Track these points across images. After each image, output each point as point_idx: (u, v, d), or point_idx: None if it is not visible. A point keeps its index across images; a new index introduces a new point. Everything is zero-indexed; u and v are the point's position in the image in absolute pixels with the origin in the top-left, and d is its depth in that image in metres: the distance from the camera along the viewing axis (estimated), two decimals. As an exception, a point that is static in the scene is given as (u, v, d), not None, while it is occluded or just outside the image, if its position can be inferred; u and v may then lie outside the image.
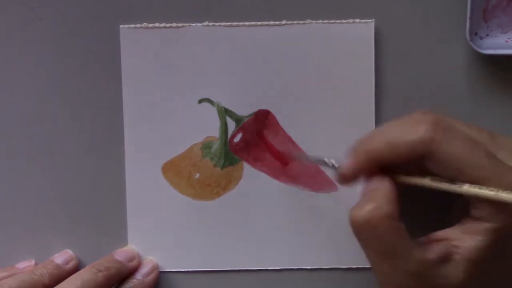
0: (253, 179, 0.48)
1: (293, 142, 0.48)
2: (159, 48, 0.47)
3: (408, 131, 0.39)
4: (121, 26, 0.47)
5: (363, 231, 0.39)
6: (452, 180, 0.39)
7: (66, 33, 0.48)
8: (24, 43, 0.48)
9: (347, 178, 0.41)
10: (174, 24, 0.47)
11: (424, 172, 0.40)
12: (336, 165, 0.42)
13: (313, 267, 0.48)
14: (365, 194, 0.40)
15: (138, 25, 0.47)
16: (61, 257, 0.48)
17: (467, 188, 0.38)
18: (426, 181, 0.40)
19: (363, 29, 0.46)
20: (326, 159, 0.43)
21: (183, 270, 0.49)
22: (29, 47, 0.48)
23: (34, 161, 0.48)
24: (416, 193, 0.43)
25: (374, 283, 0.48)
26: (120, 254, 0.48)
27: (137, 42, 0.47)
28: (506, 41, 0.47)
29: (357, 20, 0.47)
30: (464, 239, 0.39)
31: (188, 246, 0.49)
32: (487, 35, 0.47)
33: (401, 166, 0.40)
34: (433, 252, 0.39)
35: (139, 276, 0.48)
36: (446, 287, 0.39)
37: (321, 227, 0.48)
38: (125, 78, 0.47)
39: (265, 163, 0.48)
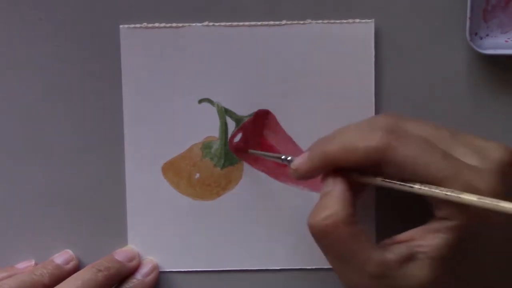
0: (253, 179, 0.48)
1: (293, 142, 0.48)
2: (159, 48, 0.47)
3: (364, 137, 0.39)
4: (121, 26, 0.47)
5: (321, 238, 0.40)
6: (405, 181, 0.39)
7: (66, 33, 0.48)
8: (24, 43, 0.48)
9: (301, 176, 0.42)
10: (174, 24, 0.47)
11: (380, 172, 0.40)
12: (290, 161, 0.43)
13: (313, 267, 0.48)
14: (320, 198, 0.41)
15: (138, 25, 0.47)
16: (61, 257, 0.48)
17: (417, 188, 0.38)
18: (378, 181, 0.40)
19: (363, 29, 0.47)
20: (283, 156, 0.44)
21: (182, 270, 0.49)
22: (29, 47, 0.48)
23: (34, 161, 0.48)
24: (391, 195, 0.43)
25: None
26: (120, 254, 0.48)
27: (137, 42, 0.47)
28: (506, 41, 0.47)
29: (357, 20, 0.47)
30: (427, 238, 0.39)
31: (188, 246, 0.49)
32: (487, 35, 0.47)
33: (360, 168, 0.41)
34: (394, 252, 0.39)
35: (139, 276, 0.48)
36: (412, 287, 0.39)
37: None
38: (125, 78, 0.47)
39: (265, 163, 0.48)
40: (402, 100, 0.47)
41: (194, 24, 0.47)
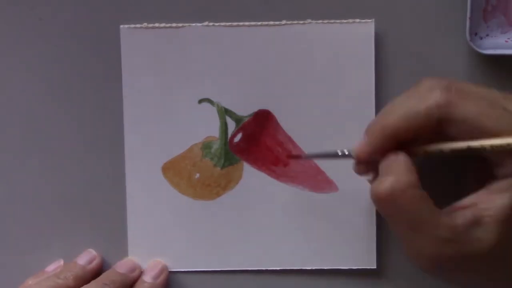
0: (253, 179, 0.48)
1: (293, 142, 0.48)
2: (159, 48, 0.47)
3: (421, 99, 0.39)
4: (121, 26, 0.47)
5: (387, 205, 0.39)
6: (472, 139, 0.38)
7: (66, 33, 0.48)
8: (24, 43, 0.48)
9: (363, 161, 0.41)
10: (174, 24, 0.47)
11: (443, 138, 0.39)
12: (349, 152, 0.42)
13: (314, 268, 0.48)
14: (381, 171, 0.40)
15: (138, 25, 0.47)
16: (84, 257, 0.48)
17: (490, 142, 0.37)
18: (446, 146, 0.39)
19: (363, 29, 0.47)
20: (338, 151, 0.43)
21: (182, 270, 0.49)
22: (29, 47, 0.48)
23: (33, 161, 0.48)
24: (431, 168, 0.43)
25: (375, 285, 0.48)
26: (121, 267, 0.48)
27: (137, 42, 0.47)
28: (506, 41, 0.47)
29: (357, 20, 0.47)
30: (491, 200, 0.38)
31: (187, 246, 0.49)
32: (487, 35, 0.47)
33: (416, 140, 0.40)
34: (462, 217, 0.38)
35: (149, 279, 0.48)
36: (479, 251, 0.38)
37: (321, 227, 0.48)
38: (125, 78, 0.47)
39: (265, 163, 0.48)
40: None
41: (194, 24, 0.47)
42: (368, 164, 0.42)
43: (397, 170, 0.39)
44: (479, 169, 0.41)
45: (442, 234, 0.38)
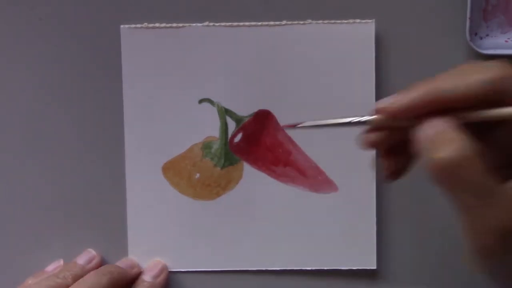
0: (253, 179, 0.48)
1: (293, 142, 0.48)
2: (160, 48, 0.47)
3: (479, 71, 0.35)
4: (121, 26, 0.47)
5: (451, 174, 0.35)
6: None
7: (66, 33, 0.48)
8: (24, 43, 0.48)
9: (389, 118, 0.36)
10: (174, 24, 0.47)
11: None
12: (366, 120, 0.37)
13: (314, 268, 0.48)
14: (430, 139, 0.35)
15: (138, 25, 0.47)
16: (84, 257, 0.48)
17: None
18: (496, 111, 0.35)
19: (364, 29, 0.47)
20: (349, 119, 0.38)
21: (182, 270, 0.49)
22: (29, 47, 0.48)
23: (33, 161, 0.48)
24: None
25: (375, 285, 0.48)
26: (121, 263, 0.48)
27: (138, 42, 0.47)
28: (506, 41, 0.47)
29: (358, 21, 0.47)
30: None
31: (188, 246, 0.49)
32: (487, 35, 0.47)
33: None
34: None
35: (149, 278, 0.48)
36: None
37: (322, 228, 0.48)
38: (126, 78, 0.47)
39: (265, 163, 0.48)
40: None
41: (194, 24, 0.47)
42: (388, 130, 0.37)
43: (456, 135, 0.35)
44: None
45: (509, 204, 0.35)
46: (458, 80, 0.35)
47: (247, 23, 0.47)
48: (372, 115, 0.37)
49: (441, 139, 0.35)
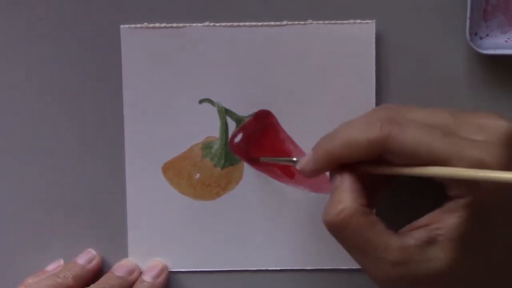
0: (253, 179, 0.48)
1: (293, 142, 0.48)
2: (160, 48, 0.47)
3: (365, 130, 0.39)
4: (121, 26, 0.47)
5: (337, 232, 0.40)
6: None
7: (66, 33, 0.48)
8: (24, 43, 0.48)
9: (308, 175, 0.43)
10: (174, 24, 0.47)
11: (385, 163, 0.40)
12: (296, 162, 0.44)
13: (314, 267, 0.48)
14: (330, 194, 0.41)
15: (138, 25, 0.47)
16: (84, 257, 0.48)
17: (429, 171, 0.38)
18: (386, 170, 0.40)
19: (364, 30, 0.46)
20: (295, 158, 0.45)
21: (182, 270, 0.49)
22: (29, 47, 0.48)
23: (33, 161, 0.48)
24: (401, 184, 0.44)
25: (375, 285, 0.48)
26: (120, 270, 0.48)
27: (138, 42, 0.47)
28: (506, 41, 0.47)
29: (358, 21, 0.47)
30: (443, 220, 0.39)
31: (187, 246, 0.49)
32: (487, 35, 0.47)
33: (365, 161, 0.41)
34: (413, 237, 0.39)
35: (149, 278, 0.48)
36: (436, 271, 0.39)
37: (322, 228, 0.47)
38: (126, 78, 0.47)
39: (265, 163, 0.48)
40: (402, 100, 0.47)
41: (195, 24, 0.47)
42: (313, 175, 0.43)
43: (343, 198, 0.40)
44: (435, 189, 0.42)
45: (393, 257, 0.39)
46: (343, 144, 0.40)
47: (247, 23, 0.47)
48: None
49: (332, 195, 0.41)
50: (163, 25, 0.47)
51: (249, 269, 0.49)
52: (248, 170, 0.48)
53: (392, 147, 0.39)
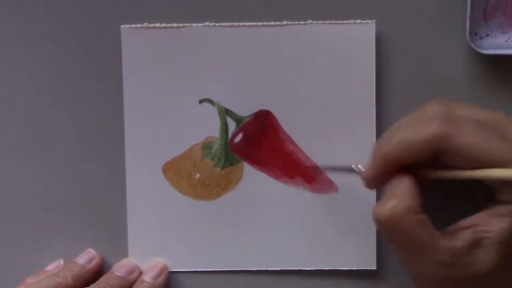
0: (253, 179, 0.48)
1: (293, 142, 0.48)
2: (160, 48, 0.47)
3: (420, 129, 0.39)
4: (122, 26, 0.47)
5: (388, 227, 0.39)
6: (471, 169, 0.39)
7: (66, 33, 0.48)
8: (24, 43, 0.48)
9: (370, 183, 0.42)
10: (175, 24, 0.47)
11: (443, 165, 0.40)
12: (360, 170, 0.43)
13: (314, 268, 0.48)
14: (386, 193, 0.41)
15: (139, 25, 0.47)
16: (84, 257, 0.48)
17: (487, 173, 0.38)
18: (446, 173, 0.40)
19: (364, 30, 0.46)
20: (353, 166, 0.44)
21: (182, 270, 0.49)
22: (29, 47, 0.48)
23: (33, 161, 0.48)
24: (440, 185, 0.43)
25: (375, 285, 0.48)
26: (120, 270, 0.48)
27: (138, 42, 0.47)
28: (506, 41, 0.47)
29: (358, 21, 0.47)
30: (492, 223, 0.39)
31: (187, 246, 0.49)
32: (487, 35, 0.47)
33: (421, 162, 0.40)
34: (461, 239, 0.39)
35: (149, 278, 0.48)
36: (480, 273, 0.39)
37: (322, 228, 0.48)
38: (126, 78, 0.47)
39: (265, 163, 0.48)
40: (402, 100, 0.47)
41: (195, 24, 0.47)
42: (377, 182, 0.42)
43: (399, 194, 0.39)
44: (484, 192, 0.42)
45: (441, 258, 0.39)
46: (399, 145, 0.40)
47: (247, 23, 0.47)
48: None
49: (387, 195, 0.40)
50: (163, 25, 0.47)
51: (249, 269, 0.49)
52: (248, 170, 0.48)
53: (448, 147, 0.38)
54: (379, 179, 0.41)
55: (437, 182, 0.42)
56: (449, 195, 0.47)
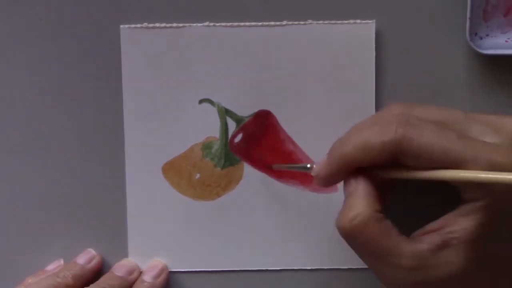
0: (253, 179, 0.48)
1: (293, 142, 0.48)
2: (160, 48, 0.47)
3: (378, 132, 0.39)
4: (121, 26, 0.47)
5: (351, 239, 0.40)
6: (431, 169, 0.39)
7: (66, 33, 0.48)
8: (24, 43, 0.48)
9: (325, 182, 0.42)
10: (174, 24, 0.47)
11: (399, 165, 0.40)
12: (311, 169, 0.43)
13: (314, 267, 0.48)
14: (345, 199, 0.41)
15: (138, 25, 0.47)
16: (84, 257, 0.48)
17: (444, 174, 0.38)
18: (403, 173, 0.40)
19: (364, 30, 0.46)
20: (309, 165, 0.43)
21: (182, 270, 0.49)
22: (29, 47, 0.48)
23: (33, 161, 0.48)
24: (409, 186, 0.43)
25: (375, 284, 0.48)
26: (120, 270, 0.48)
27: (138, 42, 0.47)
28: (506, 41, 0.47)
29: (358, 21, 0.47)
30: (458, 222, 0.39)
31: (188, 246, 0.49)
32: (487, 35, 0.47)
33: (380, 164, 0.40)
34: (426, 242, 0.39)
35: (149, 278, 0.48)
36: (451, 275, 0.39)
37: (322, 228, 0.48)
38: (126, 78, 0.47)
39: (265, 163, 0.48)
40: (402, 100, 0.47)
41: (194, 24, 0.47)
42: (331, 181, 0.42)
43: (357, 203, 0.39)
44: (448, 192, 0.42)
45: (407, 263, 0.39)
46: (357, 147, 0.40)
47: (247, 23, 0.47)
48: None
49: (345, 201, 0.40)
50: (163, 25, 0.47)
51: (249, 269, 0.49)
52: (248, 170, 0.48)
53: (406, 149, 0.38)
54: (332, 178, 0.41)
55: (404, 182, 0.41)
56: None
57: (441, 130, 0.39)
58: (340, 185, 0.47)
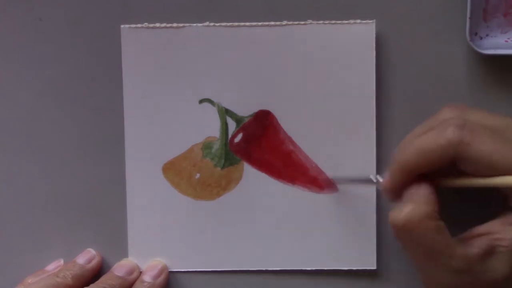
0: (253, 179, 0.48)
1: (293, 142, 0.48)
2: (160, 48, 0.47)
3: (436, 137, 0.39)
4: (122, 26, 0.47)
5: (404, 233, 0.40)
6: (487, 176, 0.39)
7: (66, 33, 0.48)
8: (24, 43, 0.48)
9: (392, 194, 0.42)
10: (175, 24, 0.47)
11: (458, 172, 0.40)
12: (378, 181, 0.44)
13: (314, 268, 0.48)
14: (404, 200, 0.41)
15: (139, 25, 0.47)
16: (84, 257, 0.48)
17: (505, 181, 0.38)
18: (464, 181, 0.40)
19: (364, 30, 0.46)
20: (371, 176, 0.44)
21: (182, 270, 0.49)
22: (29, 47, 0.48)
23: (33, 161, 0.48)
24: (455, 192, 0.43)
25: (375, 285, 0.48)
26: (120, 270, 0.48)
27: (138, 42, 0.47)
28: (506, 41, 0.47)
29: (358, 21, 0.47)
30: (505, 231, 0.39)
31: (187, 246, 0.49)
32: (487, 35, 0.47)
33: (439, 169, 0.40)
34: (476, 246, 0.39)
35: (149, 278, 0.48)
36: (493, 281, 0.39)
37: (322, 228, 0.48)
38: (126, 78, 0.47)
39: (265, 163, 0.48)
40: (402, 100, 0.47)
41: (195, 24, 0.47)
42: (397, 193, 0.42)
43: (416, 200, 0.40)
44: (497, 199, 0.42)
45: (456, 265, 0.39)
46: (416, 153, 0.40)
47: (247, 23, 0.47)
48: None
49: (404, 201, 0.40)
50: (163, 25, 0.47)
51: (249, 269, 0.49)
52: (248, 170, 0.48)
53: (464, 154, 0.39)
54: (398, 189, 0.41)
55: (452, 189, 0.42)
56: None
57: (498, 137, 0.39)
58: (340, 184, 0.47)
